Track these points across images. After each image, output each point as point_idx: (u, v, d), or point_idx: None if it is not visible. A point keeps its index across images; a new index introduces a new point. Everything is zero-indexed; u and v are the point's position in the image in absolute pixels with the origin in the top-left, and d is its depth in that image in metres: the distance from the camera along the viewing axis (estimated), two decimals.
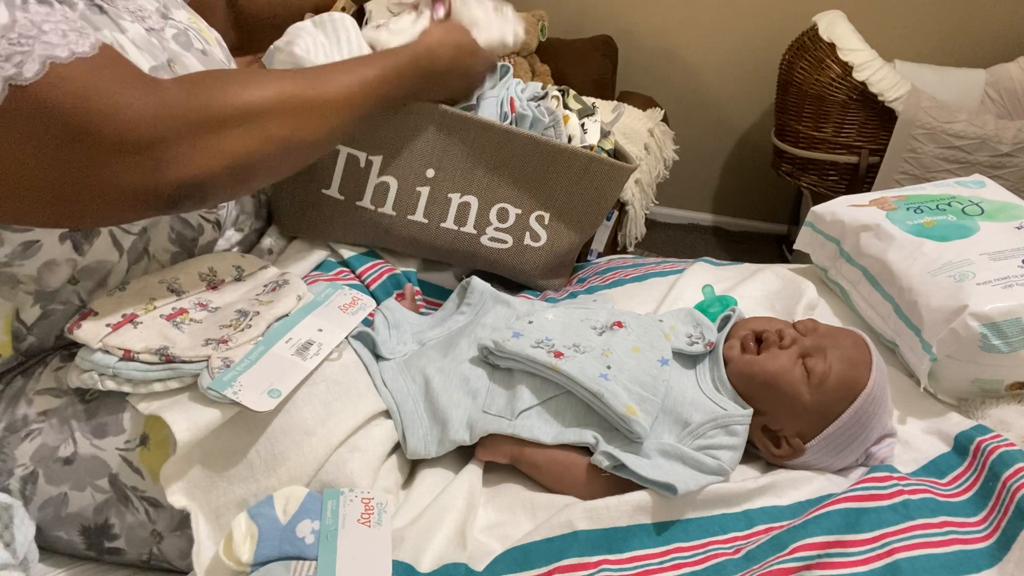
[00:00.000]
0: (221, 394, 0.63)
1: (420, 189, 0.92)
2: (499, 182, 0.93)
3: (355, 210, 0.92)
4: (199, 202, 0.67)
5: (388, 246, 0.96)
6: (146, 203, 0.63)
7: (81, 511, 0.69)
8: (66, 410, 0.69)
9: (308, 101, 0.72)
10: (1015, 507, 0.66)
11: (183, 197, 0.64)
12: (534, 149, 0.92)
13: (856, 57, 1.98)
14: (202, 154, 0.63)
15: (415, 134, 0.89)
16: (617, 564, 0.64)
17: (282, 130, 0.69)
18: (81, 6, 0.68)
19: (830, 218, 1.07)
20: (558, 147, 0.93)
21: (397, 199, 0.92)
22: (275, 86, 0.70)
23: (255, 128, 0.67)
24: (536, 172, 0.93)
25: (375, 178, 0.90)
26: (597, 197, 0.99)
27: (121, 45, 0.70)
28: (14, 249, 0.66)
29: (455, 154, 0.91)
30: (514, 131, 0.91)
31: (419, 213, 0.93)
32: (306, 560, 0.60)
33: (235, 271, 0.80)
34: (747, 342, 0.80)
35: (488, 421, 0.73)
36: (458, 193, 0.93)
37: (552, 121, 0.96)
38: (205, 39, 0.84)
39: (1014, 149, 1.89)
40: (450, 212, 0.94)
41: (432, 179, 0.91)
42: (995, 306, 0.81)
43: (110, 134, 0.59)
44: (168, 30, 0.79)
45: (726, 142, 2.70)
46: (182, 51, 0.78)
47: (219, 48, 0.87)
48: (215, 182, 0.65)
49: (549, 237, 0.99)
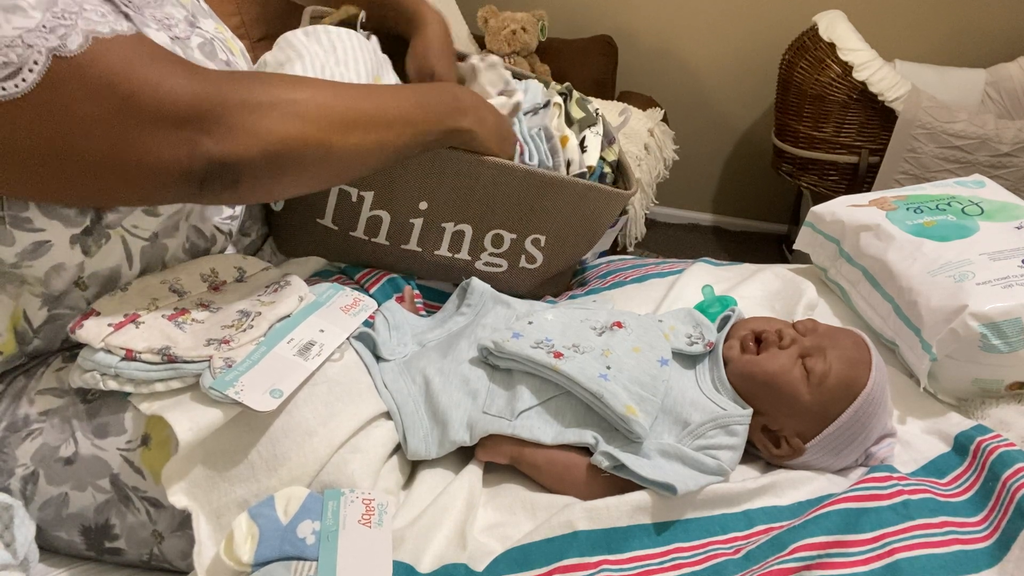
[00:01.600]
0: (223, 394, 0.64)
1: (413, 221, 0.90)
2: (494, 211, 0.91)
3: (349, 239, 0.91)
4: (229, 186, 0.66)
5: (384, 268, 0.96)
6: (178, 180, 0.63)
7: (82, 511, 0.69)
8: (67, 410, 0.69)
9: (348, 112, 0.72)
10: (1015, 507, 0.67)
11: (214, 177, 0.64)
12: (530, 181, 0.90)
13: (856, 57, 1.98)
14: (238, 135, 0.64)
15: (406, 169, 0.87)
16: (617, 564, 0.64)
17: (319, 130, 0.69)
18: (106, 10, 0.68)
19: (830, 218, 1.07)
20: (554, 179, 0.90)
21: (390, 231, 0.91)
22: (317, 89, 0.70)
23: (293, 120, 0.67)
24: (532, 201, 0.91)
25: (367, 212, 0.89)
26: (594, 220, 0.96)
27: None
28: (24, 248, 0.66)
29: (448, 187, 0.89)
30: (509, 164, 0.88)
31: (413, 243, 0.92)
32: (307, 560, 0.60)
33: (237, 272, 0.81)
34: (747, 342, 0.80)
35: (488, 422, 0.73)
36: (452, 223, 0.91)
37: (551, 148, 0.95)
38: (230, 49, 0.84)
39: (1014, 149, 1.90)
40: (444, 240, 0.93)
41: (425, 211, 0.90)
42: (995, 306, 0.81)
43: (150, 105, 0.59)
44: (194, 39, 0.79)
45: (726, 142, 2.70)
46: (206, 61, 0.78)
47: (243, 59, 0.87)
48: (248, 166, 0.65)
49: (545, 258, 0.97)
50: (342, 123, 0.71)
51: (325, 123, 0.70)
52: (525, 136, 0.95)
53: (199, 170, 0.63)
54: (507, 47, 2.29)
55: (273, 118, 0.66)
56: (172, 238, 0.77)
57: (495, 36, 2.30)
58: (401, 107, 0.77)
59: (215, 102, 0.63)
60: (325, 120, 0.70)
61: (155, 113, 0.60)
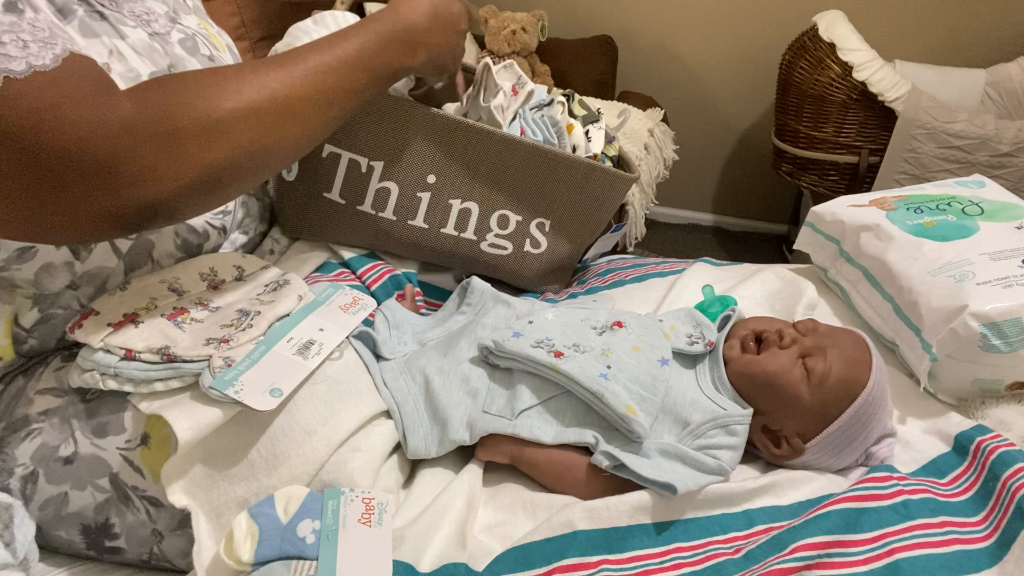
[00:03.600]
0: (223, 393, 0.64)
1: (421, 195, 0.91)
2: (500, 189, 0.93)
3: (356, 214, 0.92)
4: (168, 220, 0.63)
5: (389, 249, 0.96)
6: (112, 225, 0.59)
7: (81, 510, 0.69)
8: (67, 409, 0.69)
9: (279, 103, 0.66)
10: (1015, 507, 0.66)
11: (149, 217, 0.60)
12: (536, 157, 0.92)
13: (856, 57, 1.98)
14: (163, 172, 0.59)
15: (416, 140, 0.89)
16: (617, 564, 0.64)
17: (251, 138, 0.64)
18: (81, 13, 0.68)
19: (830, 218, 1.07)
20: (560, 155, 0.92)
21: (398, 204, 0.92)
22: (239, 90, 0.63)
23: (220, 138, 0.62)
24: (538, 180, 0.93)
25: (376, 183, 0.90)
26: (598, 205, 0.99)
27: (120, 52, 0.69)
28: (10, 255, 0.66)
29: (457, 160, 0.90)
30: (516, 139, 0.90)
31: (420, 218, 0.93)
32: (306, 560, 0.60)
33: (236, 271, 0.81)
34: (747, 342, 0.80)
35: (488, 421, 0.73)
36: (459, 199, 0.93)
37: (556, 132, 0.96)
38: (214, 44, 0.84)
39: (1014, 149, 1.90)
40: (451, 218, 0.94)
41: (433, 185, 0.91)
42: (995, 306, 0.81)
43: (64, 154, 0.55)
44: (175, 34, 0.78)
45: (726, 142, 2.70)
46: (187, 56, 0.78)
47: (228, 54, 0.87)
48: (182, 199, 0.61)
49: (549, 244, 0.99)
50: (275, 121, 0.66)
51: (256, 129, 0.64)
52: (530, 123, 0.96)
53: (130, 215, 0.59)
54: (507, 47, 2.29)
55: (197, 146, 0.60)
56: (160, 234, 0.77)
57: (495, 36, 2.30)
58: (343, 76, 0.71)
59: (133, 140, 0.57)
60: (256, 126, 0.64)
61: (70, 161, 0.55)
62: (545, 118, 0.97)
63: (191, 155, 0.60)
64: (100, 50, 0.68)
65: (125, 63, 0.70)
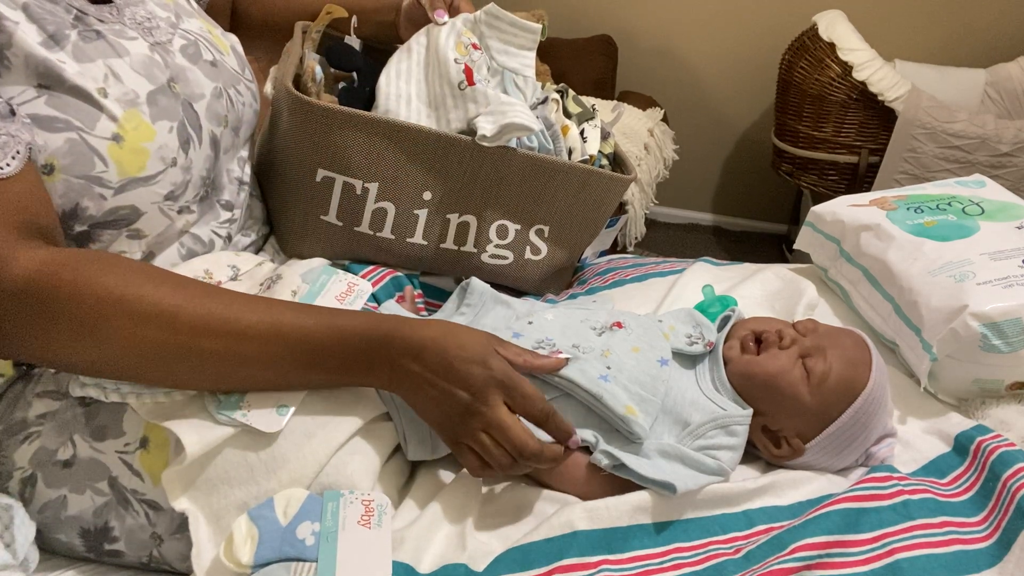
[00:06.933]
0: (231, 418, 0.64)
1: (418, 212, 0.90)
2: (497, 200, 0.92)
3: (354, 235, 0.91)
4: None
5: (390, 264, 0.95)
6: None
7: (80, 514, 0.68)
8: (65, 413, 0.69)
9: (179, 345, 0.63)
10: (1015, 507, 0.66)
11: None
12: (531, 166, 0.90)
13: (856, 57, 1.98)
14: (31, 347, 0.62)
15: (409, 158, 0.87)
16: (617, 564, 0.64)
17: (124, 358, 0.63)
18: (74, 37, 0.68)
19: (830, 218, 1.07)
20: (556, 163, 0.91)
21: (395, 223, 0.90)
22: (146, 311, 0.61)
23: (91, 346, 0.62)
24: (534, 188, 0.92)
25: (372, 204, 0.88)
26: (596, 208, 0.98)
27: (116, 73, 0.69)
28: None
29: (452, 175, 0.89)
30: (510, 149, 0.89)
31: (418, 235, 0.92)
32: (306, 562, 0.60)
33: (230, 270, 0.80)
34: (747, 342, 0.80)
35: None
36: (456, 213, 0.92)
37: (552, 135, 0.95)
38: (218, 48, 0.84)
39: (1014, 149, 1.89)
40: (449, 232, 0.93)
41: (429, 201, 0.90)
42: (995, 306, 0.81)
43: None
44: (177, 41, 0.78)
45: (726, 142, 2.70)
46: (189, 65, 0.77)
47: (233, 56, 0.86)
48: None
49: (549, 249, 0.98)
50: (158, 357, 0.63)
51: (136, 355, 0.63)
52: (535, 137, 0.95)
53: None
54: None
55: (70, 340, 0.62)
56: (167, 250, 0.77)
57: None
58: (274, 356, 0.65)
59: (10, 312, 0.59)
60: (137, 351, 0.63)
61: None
62: (541, 120, 0.96)
63: (60, 345, 0.62)
64: (96, 74, 0.68)
65: (121, 85, 0.69)
